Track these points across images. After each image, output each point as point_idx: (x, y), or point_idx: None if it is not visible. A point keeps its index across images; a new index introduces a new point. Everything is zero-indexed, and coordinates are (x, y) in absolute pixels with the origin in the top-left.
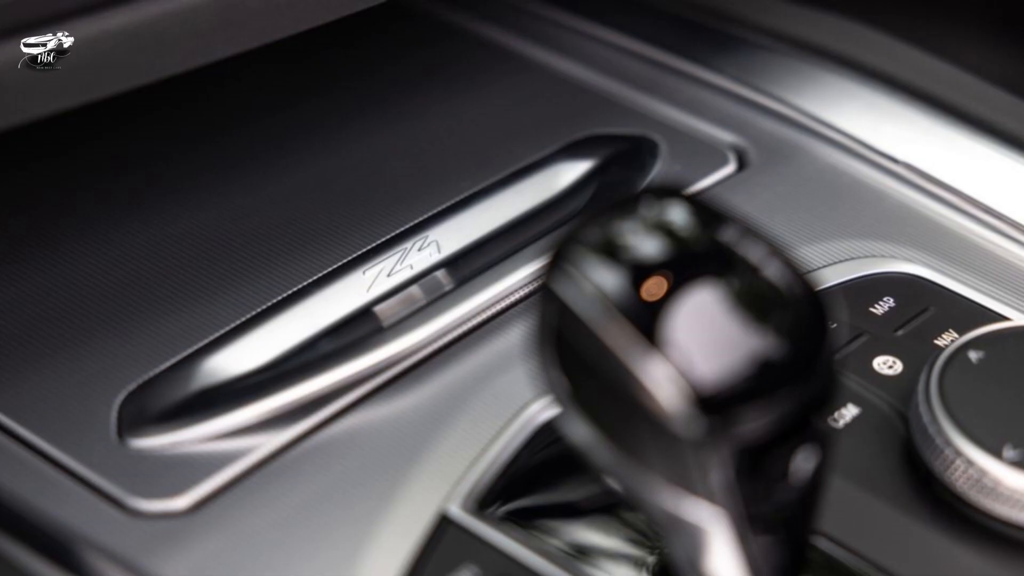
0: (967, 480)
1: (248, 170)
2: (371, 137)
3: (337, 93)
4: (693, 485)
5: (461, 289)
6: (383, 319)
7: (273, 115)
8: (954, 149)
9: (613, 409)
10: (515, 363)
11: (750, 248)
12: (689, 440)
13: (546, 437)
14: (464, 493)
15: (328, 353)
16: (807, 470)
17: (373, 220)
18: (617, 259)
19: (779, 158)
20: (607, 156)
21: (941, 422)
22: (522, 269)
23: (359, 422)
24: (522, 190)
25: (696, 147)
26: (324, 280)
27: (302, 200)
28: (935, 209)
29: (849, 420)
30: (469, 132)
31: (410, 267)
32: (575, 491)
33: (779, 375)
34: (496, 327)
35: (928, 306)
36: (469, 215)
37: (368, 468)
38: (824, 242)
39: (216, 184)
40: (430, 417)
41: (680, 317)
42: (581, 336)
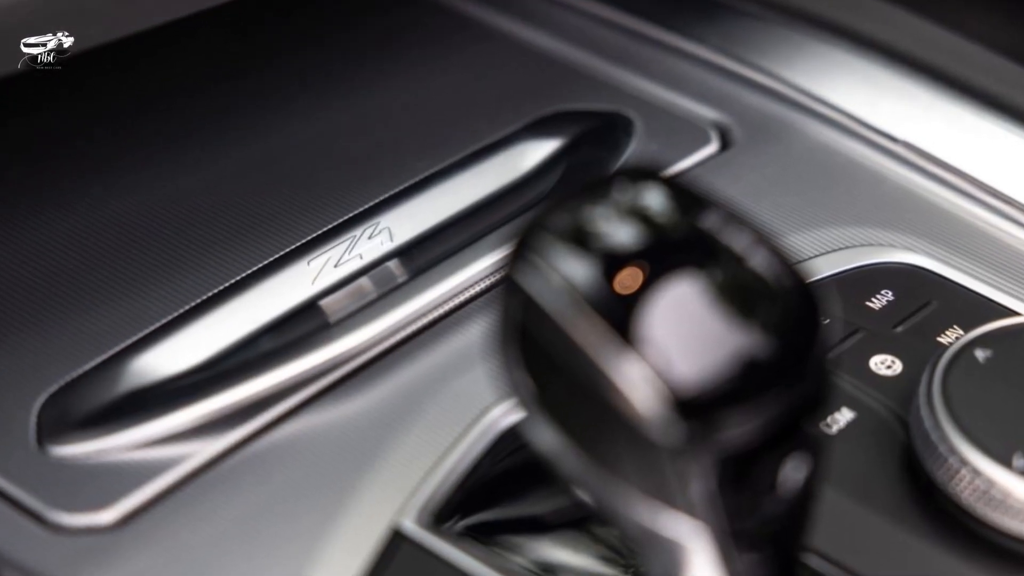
0: (974, 491)
1: (181, 149)
2: (317, 113)
3: (279, 64)
4: (671, 497)
5: (416, 281)
6: (330, 314)
7: (209, 89)
8: (958, 126)
9: (583, 413)
10: (475, 363)
11: (734, 236)
12: (667, 447)
13: (509, 444)
14: (419, 506)
15: (269, 351)
16: (797, 480)
17: (319, 205)
18: (587, 248)
19: (766, 137)
20: (576, 134)
21: (945, 427)
22: (483, 259)
23: (304, 428)
24: (483, 172)
25: (674, 124)
26: (265, 271)
27: (241, 182)
28: (938, 192)
29: (843, 425)
30: (425, 108)
31: (359, 257)
32: (541, 504)
33: (766, 376)
34: (454, 323)
35: (930, 300)
36: (425, 199)
37: (314, 478)
38: (816, 229)
39: (146, 165)
40: (382, 422)
41: (657, 312)
42: (548, 332)
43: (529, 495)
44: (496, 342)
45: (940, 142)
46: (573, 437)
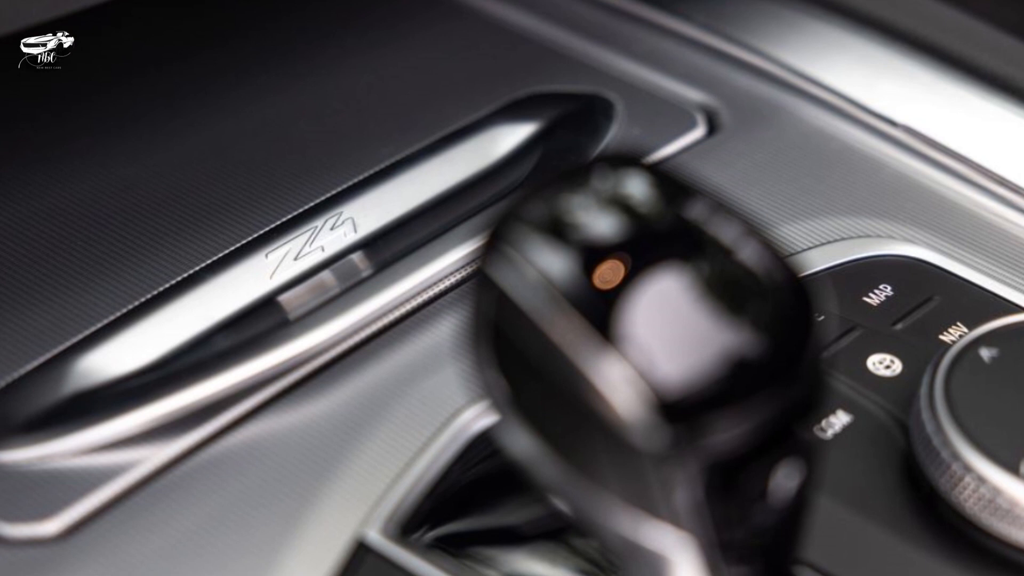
0: (978, 500)
1: (130, 134)
2: (275, 95)
3: (235, 43)
4: (655, 507)
5: (381, 275)
6: (289, 310)
7: (159, 69)
8: (962, 109)
9: (560, 417)
10: (445, 363)
11: (722, 227)
12: (650, 453)
13: (481, 450)
14: (385, 516)
15: (225, 351)
16: (789, 489)
17: (277, 193)
18: (565, 240)
19: (756, 120)
20: (553, 118)
21: (948, 432)
22: (453, 252)
23: (261, 432)
24: (453, 158)
25: (658, 108)
26: (220, 264)
27: (192, 170)
28: (940, 180)
29: (839, 429)
30: (391, 89)
31: (321, 249)
32: (515, 514)
33: (756, 377)
34: (423, 320)
35: (932, 295)
36: (391, 188)
37: (272, 486)
38: (809, 219)
39: (91, 151)
40: (345, 426)
41: (639, 308)
42: (523, 330)
43: (503, 504)
44: (467, 341)
45: (943, 126)
46: (550, 442)
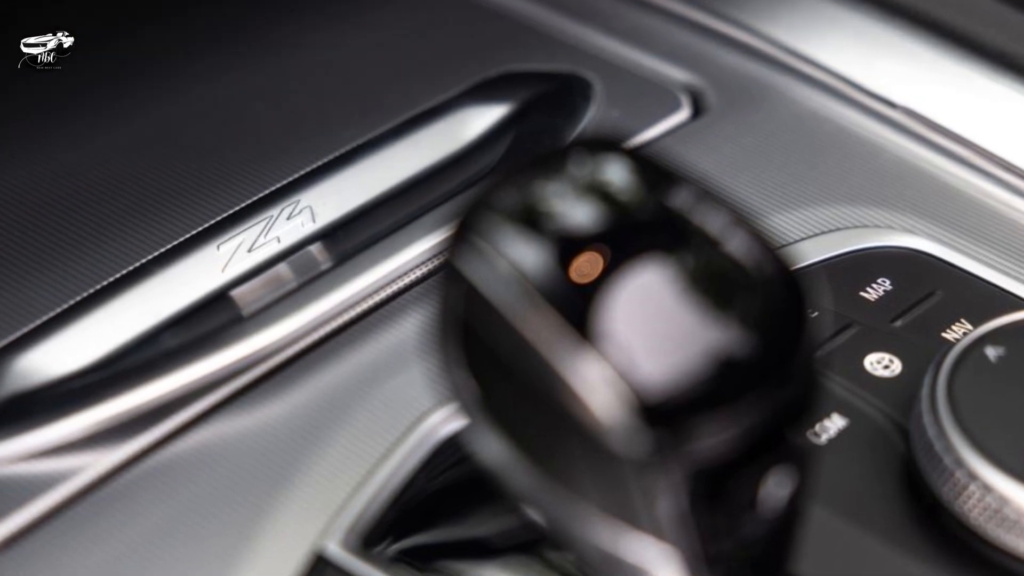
0: (984, 510)
1: (71, 117)
2: (228, 74)
3: (185, 18)
4: (636, 517)
5: (341, 268)
6: (243, 306)
7: (102, 46)
8: (966, 90)
9: (534, 420)
10: (410, 362)
11: (708, 216)
12: (631, 460)
13: (449, 456)
14: (345, 527)
15: (173, 349)
16: (780, 498)
17: (230, 181)
18: (539, 230)
19: (745, 102)
20: (527, 99)
21: (951, 436)
22: (419, 243)
23: (213, 437)
24: (419, 142)
25: (639, 88)
26: (168, 257)
27: (139, 155)
28: (943, 166)
29: (834, 434)
30: (352, 68)
31: (277, 240)
32: (486, 525)
33: (745, 378)
34: (386, 316)
35: (934, 289)
36: (352, 174)
37: (224, 495)
38: (802, 208)
39: (29, 135)
40: (303, 430)
41: (619, 304)
42: (494, 327)
43: (472, 515)
44: (434, 338)
45: (945, 108)
46: (522, 448)
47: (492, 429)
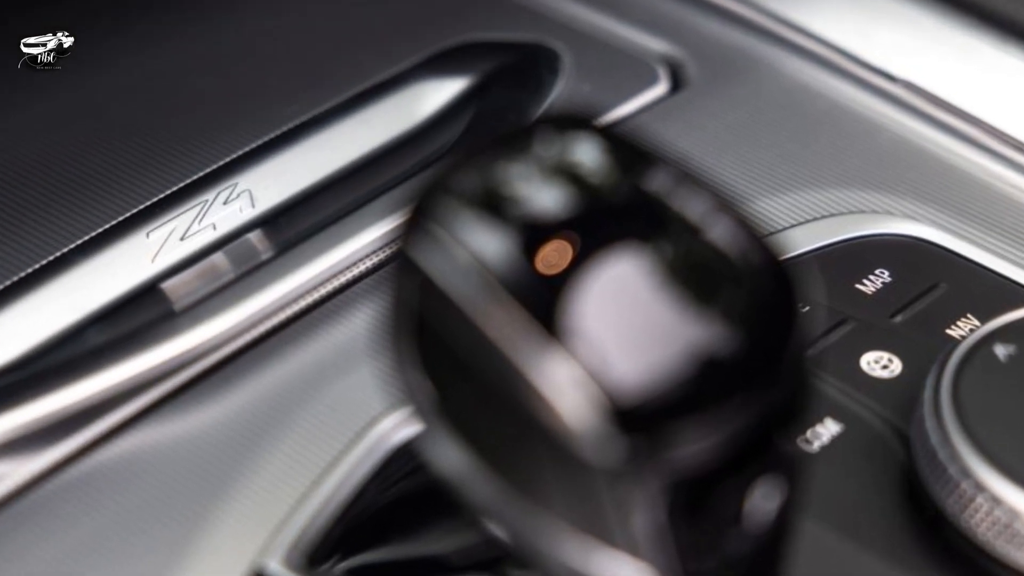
0: (992, 524)
1: None
2: (158, 44)
3: None
4: (609, 532)
5: (284, 258)
6: (175, 300)
7: (19, 12)
8: (973, 62)
9: (497, 426)
10: (359, 362)
11: (688, 200)
12: (603, 469)
13: (403, 465)
14: (288, 543)
15: (98, 347)
16: (768, 511)
17: (161, 161)
18: (502, 216)
19: (729, 75)
20: (488, 72)
21: (956, 444)
22: (369, 230)
23: (142, 444)
24: (370, 120)
25: (613, 60)
26: (92, 245)
27: (61, 133)
28: (947, 146)
29: (827, 441)
30: (297, 38)
31: (212, 227)
32: (443, 541)
33: (729, 378)
34: (333, 312)
35: (937, 282)
36: (295, 155)
37: (155, 508)
38: (793, 192)
39: None
40: (241, 437)
41: (590, 297)
42: (452, 323)
43: (427, 530)
44: (386, 336)
45: (950, 81)
46: (483, 456)
47: (450, 435)
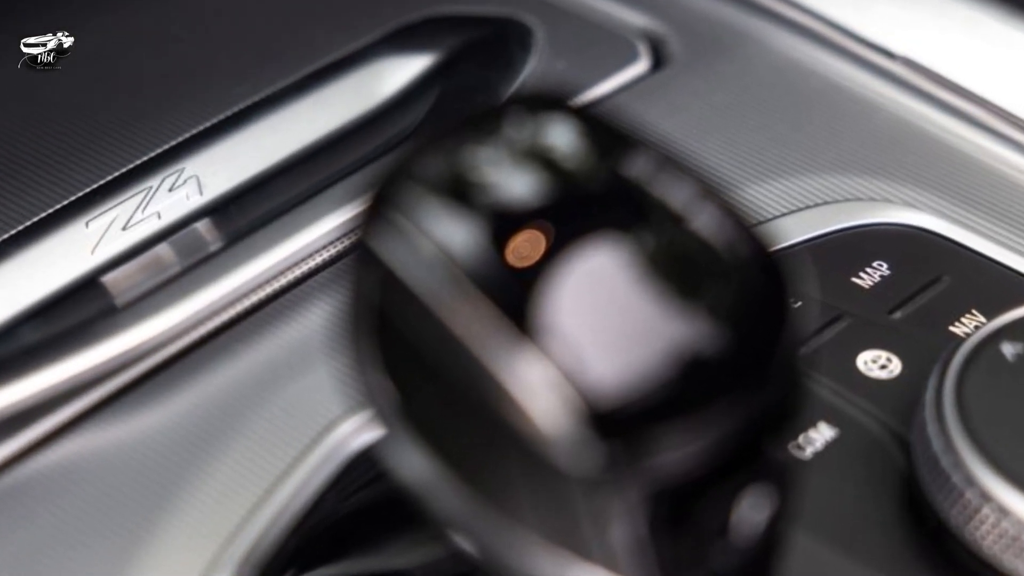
0: (999, 537)
1: None
2: (97, 17)
3: None
4: (585, 546)
5: (234, 249)
6: (116, 294)
7: None
8: (977, 36)
9: (464, 430)
10: (315, 362)
11: (671, 187)
12: (579, 477)
13: (362, 473)
14: (238, 558)
15: (33, 345)
16: (757, 523)
17: (101, 145)
18: (470, 204)
19: (715, 51)
20: (455, 48)
21: (960, 450)
22: (326, 219)
23: (81, 450)
24: (327, 100)
25: (589, 35)
26: (26, 235)
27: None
28: (950, 128)
29: (821, 447)
30: (248, 11)
31: (157, 216)
32: (406, 555)
33: (715, 380)
34: (287, 307)
35: (940, 275)
36: (247, 138)
37: (94, 520)
38: (784, 178)
39: None
40: (188, 443)
41: (565, 292)
42: (416, 320)
43: (389, 543)
44: (345, 333)
45: (953, 58)
46: (450, 463)
47: (413, 441)
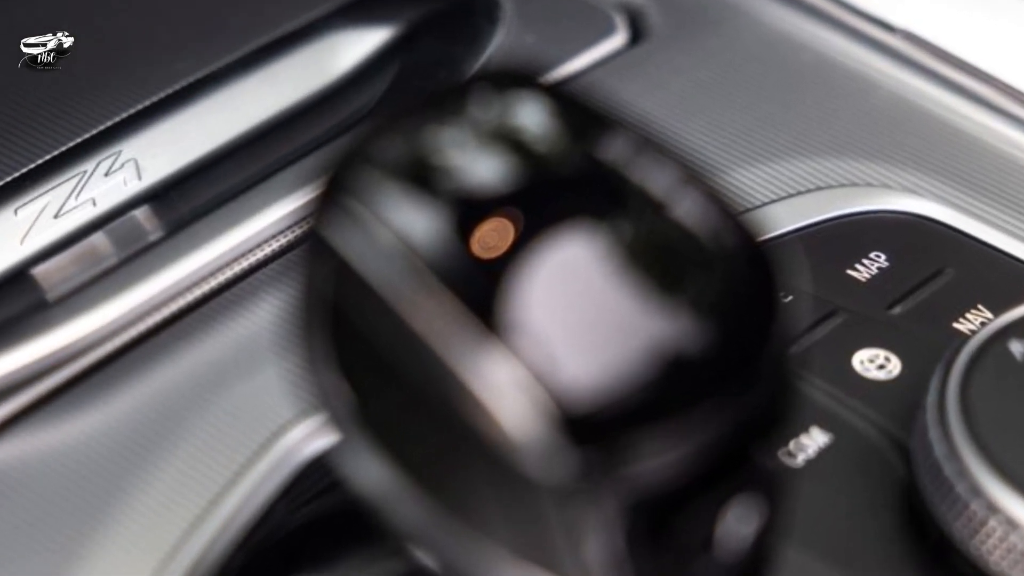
0: (1007, 552)
1: None
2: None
3: None
4: (557, 561)
5: (175, 239)
6: (48, 288)
7: None
8: (982, 9)
9: (425, 436)
10: (264, 361)
11: (650, 172)
12: (551, 487)
13: (315, 481)
14: (181, 572)
15: None
16: (744, 536)
17: (31, 125)
18: (432, 190)
19: (698, 24)
20: (415, 20)
21: (965, 457)
22: (275, 207)
23: (9, 457)
24: (276, 76)
25: (561, 6)
26: None
27: None
28: (953, 107)
29: (814, 454)
30: None
31: (92, 203)
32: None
33: (698, 381)
34: (233, 302)
35: (943, 267)
36: (189, 118)
37: (24, 533)
38: (773, 161)
39: None
40: (126, 448)
41: (536, 285)
42: (373, 316)
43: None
44: (296, 330)
45: (956, 32)
46: (411, 471)
47: (371, 447)
